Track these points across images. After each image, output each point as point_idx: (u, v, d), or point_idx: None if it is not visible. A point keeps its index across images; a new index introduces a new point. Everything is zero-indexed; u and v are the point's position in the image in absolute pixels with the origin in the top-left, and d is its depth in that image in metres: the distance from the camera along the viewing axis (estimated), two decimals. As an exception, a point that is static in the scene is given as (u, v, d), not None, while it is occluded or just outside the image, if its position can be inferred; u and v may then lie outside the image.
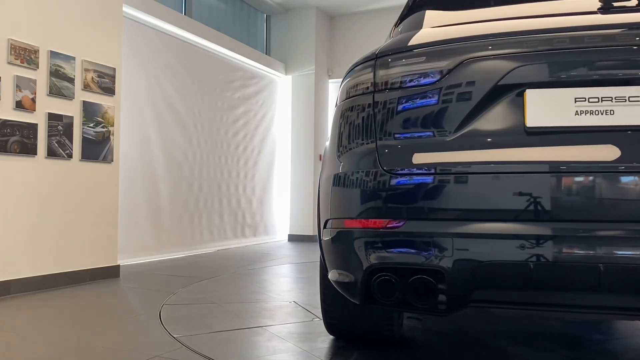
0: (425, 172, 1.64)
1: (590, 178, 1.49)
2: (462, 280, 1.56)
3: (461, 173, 1.60)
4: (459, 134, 1.64)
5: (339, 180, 1.80)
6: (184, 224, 6.07)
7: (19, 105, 3.62)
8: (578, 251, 1.48)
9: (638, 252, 1.43)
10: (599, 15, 1.67)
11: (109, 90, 4.31)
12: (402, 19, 2.13)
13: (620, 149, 1.49)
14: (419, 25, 1.96)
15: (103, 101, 4.25)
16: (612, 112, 1.52)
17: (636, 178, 1.45)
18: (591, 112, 1.53)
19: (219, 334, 2.59)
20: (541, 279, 1.52)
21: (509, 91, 1.61)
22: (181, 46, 6.10)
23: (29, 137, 3.68)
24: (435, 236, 1.58)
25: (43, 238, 3.79)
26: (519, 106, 1.60)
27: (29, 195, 3.71)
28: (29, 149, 3.68)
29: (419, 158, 1.66)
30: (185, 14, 6.38)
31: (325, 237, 1.85)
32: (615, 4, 1.68)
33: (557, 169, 1.52)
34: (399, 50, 1.76)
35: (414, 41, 1.79)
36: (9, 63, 3.57)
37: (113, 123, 4.34)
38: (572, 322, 2.81)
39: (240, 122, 7.18)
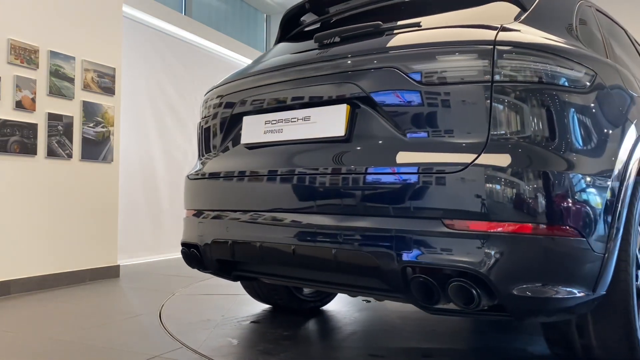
0: (201, 178, 2.29)
1: (276, 180, 1.93)
2: (208, 253, 2.16)
3: (214, 177, 2.21)
4: (220, 150, 2.27)
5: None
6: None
7: (19, 105, 3.62)
8: (275, 234, 1.91)
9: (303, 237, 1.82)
10: (290, 55, 2.18)
11: (109, 90, 4.31)
12: None
13: (294, 158, 1.93)
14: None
15: (103, 101, 4.25)
16: (281, 131, 1.99)
17: (311, 182, 1.82)
18: (272, 131, 2.02)
19: (194, 296, 3.26)
20: (245, 255, 2.06)
21: (239, 118, 2.18)
22: (181, 46, 6.10)
23: (29, 137, 3.68)
24: (198, 221, 2.23)
25: (43, 238, 3.79)
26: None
27: (29, 195, 3.71)
28: (29, 149, 3.68)
29: (202, 168, 2.32)
30: (185, 14, 6.38)
31: None
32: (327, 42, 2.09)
33: (257, 173, 2.00)
34: (211, 89, 2.42)
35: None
36: (9, 63, 3.57)
37: (113, 123, 4.34)
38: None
39: (240, 122, 7.17)
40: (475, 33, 1.71)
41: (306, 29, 2.49)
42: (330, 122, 1.84)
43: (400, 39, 1.85)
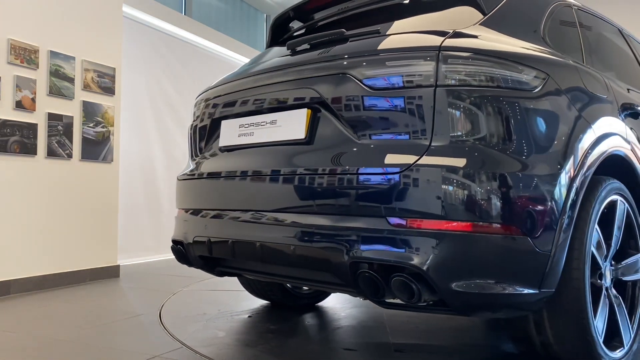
0: (186, 179, 2.40)
1: (244, 180, 2.04)
2: (191, 250, 2.26)
3: (196, 178, 2.32)
4: (204, 152, 2.38)
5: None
6: (184, 224, 6.05)
7: (19, 105, 3.62)
8: (243, 231, 2.00)
9: (278, 233, 1.88)
10: (265, 62, 2.27)
11: (109, 90, 4.31)
12: None
13: (261, 160, 2.01)
14: None
15: (103, 101, 4.25)
16: (252, 134, 2.09)
17: (274, 182, 1.92)
18: (244, 135, 2.13)
19: (195, 292, 3.43)
20: (220, 252, 2.13)
21: (218, 123, 2.29)
22: (181, 46, 6.10)
23: (29, 137, 3.68)
24: (183, 219, 2.36)
25: (43, 238, 3.79)
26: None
27: (29, 195, 3.71)
28: (29, 149, 3.68)
29: (189, 169, 2.44)
30: (185, 14, 6.38)
31: None
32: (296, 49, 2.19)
33: (228, 173, 2.11)
34: (200, 93, 2.53)
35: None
36: (9, 63, 3.57)
37: (113, 123, 4.34)
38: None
39: (240, 122, 7.17)
40: (425, 39, 1.78)
41: (294, 34, 2.57)
42: (293, 125, 1.94)
43: (356, 45, 1.94)
